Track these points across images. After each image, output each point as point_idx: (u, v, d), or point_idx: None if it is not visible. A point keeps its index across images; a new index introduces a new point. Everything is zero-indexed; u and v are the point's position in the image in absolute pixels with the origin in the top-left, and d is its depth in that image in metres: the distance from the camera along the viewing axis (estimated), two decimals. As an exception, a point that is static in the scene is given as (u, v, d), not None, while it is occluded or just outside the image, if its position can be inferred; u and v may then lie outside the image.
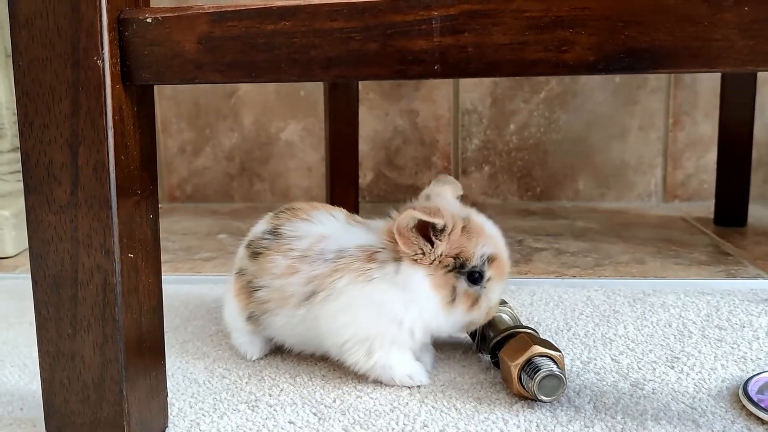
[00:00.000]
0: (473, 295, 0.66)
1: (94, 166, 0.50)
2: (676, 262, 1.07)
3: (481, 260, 0.66)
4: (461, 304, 0.66)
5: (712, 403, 0.62)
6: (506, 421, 0.59)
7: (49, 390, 0.54)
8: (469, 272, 0.66)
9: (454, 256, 0.65)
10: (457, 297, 0.66)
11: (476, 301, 0.67)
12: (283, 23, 0.48)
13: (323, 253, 0.68)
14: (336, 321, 0.66)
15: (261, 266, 0.70)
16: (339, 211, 0.74)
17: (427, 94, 1.55)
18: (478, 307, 0.67)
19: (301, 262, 0.68)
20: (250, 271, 0.71)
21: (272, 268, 0.69)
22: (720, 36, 0.45)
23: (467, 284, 0.66)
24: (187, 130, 1.61)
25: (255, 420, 0.60)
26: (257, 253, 0.71)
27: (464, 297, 0.66)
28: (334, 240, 0.69)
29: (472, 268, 0.66)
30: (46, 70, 0.50)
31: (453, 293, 0.66)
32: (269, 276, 0.69)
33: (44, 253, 0.52)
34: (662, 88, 1.50)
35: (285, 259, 0.69)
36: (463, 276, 0.66)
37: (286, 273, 0.68)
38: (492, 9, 0.46)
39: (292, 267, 0.68)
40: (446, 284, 0.66)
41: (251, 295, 0.71)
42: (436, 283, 0.65)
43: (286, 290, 0.68)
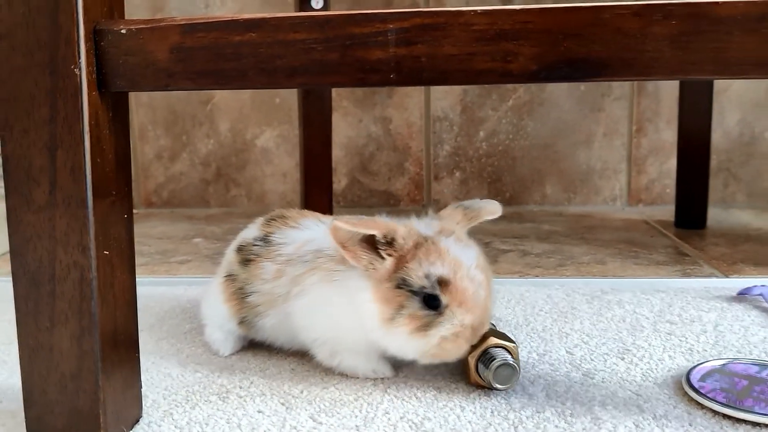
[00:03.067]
0: (421, 319, 0.63)
1: (71, 169, 0.53)
2: (636, 262, 1.12)
3: (429, 282, 0.63)
4: (404, 325, 0.63)
5: (657, 391, 0.66)
6: (463, 408, 0.63)
7: (29, 381, 0.57)
8: (424, 294, 0.63)
9: (397, 271, 0.64)
10: (400, 316, 0.63)
11: (424, 327, 0.63)
12: (250, 34, 0.52)
13: (304, 255, 0.71)
14: (304, 318, 0.69)
15: (252, 272, 0.73)
16: (328, 219, 0.75)
17: (399, 102, 1.59)
18: (425, 334, 0.63)
19: (287, 266, 0.71)
20: (241, 277, 0.74)
21: (262, 274, 0.72)
22: (651, 47, 0.49)
23: (419, 306, 0.63)
24: (163, 136, 1.64)
25: (225, 410, 0.64)
26: (248, 259, 0.74)
27: (409, 318, 0.63)
28: (316, 242, 0.71)
29: (422, 289, 0.63)
30: (26, 78, 0.53)
31: (397, 311, 0.63)
32: (259, 281, 0.72)
33: (24, 251, 0.55)
34: (626, 96, 1.55)
35: (274, 264, 0.72)
36: (416, 297, 0.63)
37: (275, 277, 0.71)
38: (442, 22, 0.50)
39: (279, 271, 0.71)
40: (391, 300, 0.63)
41: (243, 300, 0.73)
42: (378, 296, 0.64)
43: (274, 293, 0.71)
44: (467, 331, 0.64)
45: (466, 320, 0.63)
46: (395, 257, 0.64)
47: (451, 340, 0.63)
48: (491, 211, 0.74)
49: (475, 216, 0.72)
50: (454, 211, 0.72)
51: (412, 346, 0.64)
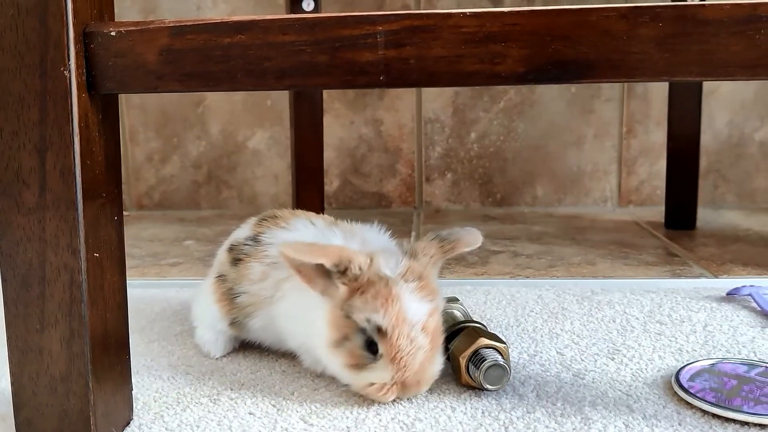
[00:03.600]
0: (357, 358, 0.62)
1: (61, 171, 0.53)
2: (626, 263, 1.12)
3: (369, 325, 0.61)
4: (342, 356, 0.63)
5: (646, 391, 0.66)
6: (454, 409, 0.63)
7: (18, 383, 0.57)
8: (366, 336, 0.62)
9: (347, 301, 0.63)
10: (342, 346, 0.63)
11: (358, 367, 0.62)
12: (239, 36, 0.52)
13: None
14: (287, 323, 0.69)
15: (240, 273, 0.72)
16: (321, 219, 0.75)
17: (390, 104, 1.59)
18: (357, 374, 0.62)
19: (272, 268, 0.71)
20: (231, 277, 0.73)
21: (250, 275, 0.71)
22: (638, 49, 0.50)
23: (361, 344, 0.62)
24: (154, 138, 1.64)
25: (216, 412, 0.64)
26: (238, 259, 0.73)
27: (349, 352, 0.62)
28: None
29: (362, 330, 0.62)
30: (15, 80, 0.53)
31: (342, 340, 0.63)
32: (248, 282, 0.72)
33: (13, 253, 0.55)
34: (616, 98, 1.56)
35: (261, 266, 0.71)
36: (362, 334, 0.62)
37: (261, 278, 0.71)
38: (431, 24, 0.50)
39: (264, 273, 0.71)
40: (340, 327, 0.63)
41: (233, 301, 0.73)
42: (330, 319, 0.63)
43: (261, 294, 0.71)
44: (395, 386, 0.62)
45: (396, 377, 0.62)
46: (349, 287, 0.63)
47: (377, 389, 0.62)
48: (469, 242, 0.71)
49: (450, 249, 0.69)
50: (429, 244, 0.69)
51: (345, 378, 0.64)
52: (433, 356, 0.64)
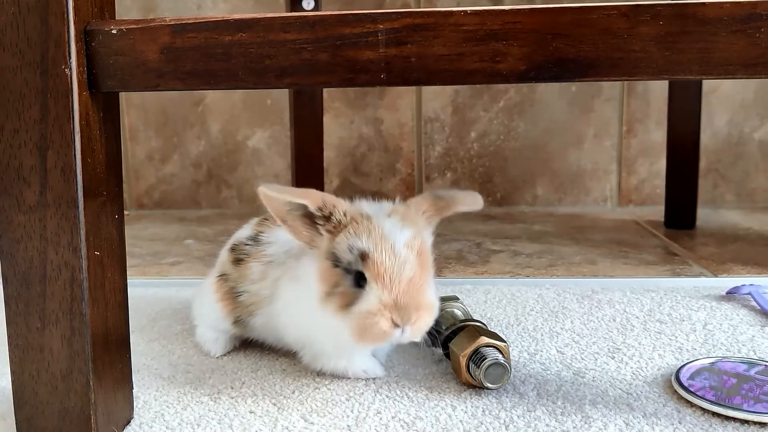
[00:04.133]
0: (349, 296, 0.60)
1: (62, 169, 0.53)
2: (626, 262, 1.12)
3: (351, 254, 0.60)
4: (334, 302, 0.61)
5: (647, 389, 0.66)
6: (454, 407, 0.63)
7: (19, 382, 0.57)
8: (355, 271, 0.60)
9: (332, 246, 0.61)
10: (334, 293, 0.61)
11: (347, 305, 0.60)
12: (240, 35, 0.52)
13: (279, 257, 0.70)
14: (282, 320, 0.69)
15: (242, 273, 0.72)
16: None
17: (390, 103, 1.59)
18: (348, 311, 0.60)
19: (269, 267, 0.71)
20: (232, 276, 0.73)
21: (251, 275, 0.72)
22: (638, 47, 0.50)
23: (351, 284, 0.61)
24: (154, 138, 1.64)
25: (217, 410, 0.64)
26: (239, 259, 0.73)
27: (340, 295, 0.61)
28: (287, 242, 0.70)
29: (348, 264, 0.60)
30: (16, 78, 0.53)
31: (333, 288, 0.61)
32: (248, 282, 0.72)
33: (14, 251, 0.55)
34: (616, 97, 1.56)
35: (260, 265, 0.71)
36: (350, 275, 0.61)
37: (260, 278, 0.71)
38: (432, 23, 0.50)
39: (263, 272, 0.71)
40: (329, 278, 0.61)
41: (235, 300, 0.73)
42: (320, 274, 0.62)
43: (261, 294, 0.71)
44: (386, 309, 0.59)
45: (383, 297, 0.59)
46: (333, 233, 0.61)
47: (368, 319, 0.59)
48: (467, 202, 0.69)
49: (445, 206, 0.67)
50: (423, 199, 0.68)
51: (339, 325, 0.61)
52: (424, 279, 0.61)
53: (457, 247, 1.21)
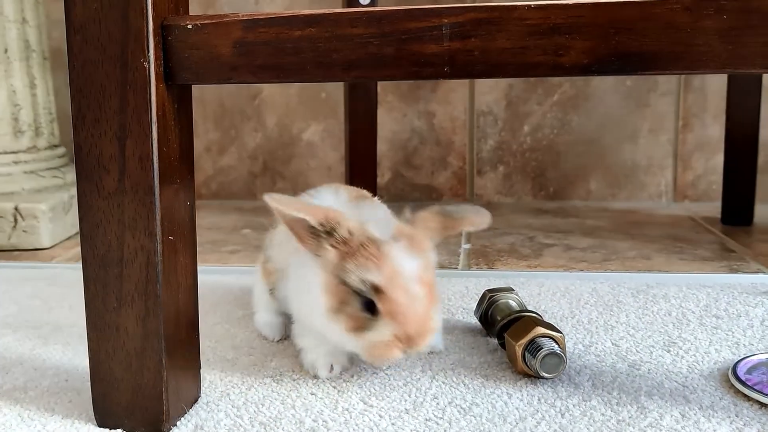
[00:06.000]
0: (358, 320, 0.62)
1: (139, 157, 0.56)
2: (681, 257, 1.12)
3: (365, 286, 0.61)
4: (342, 322, 0.63)
5: (703, 382, 0.66)
6: (510, 395, 0.64)
7: (96, 359, 0.60)
8: (364, 296, 0.62)
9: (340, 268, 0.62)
10: (341, 311, 0.63)
11: (360, 329, 0.62)
12: (309, 29, 0.54)
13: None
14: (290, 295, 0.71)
15: (271, 240, 0.78)
16: (345, 190, 0.75)
17: (443, 96, 1.60)
18: (359, 336, 0.62)
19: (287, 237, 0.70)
20: (267, 245, 0.79)
21: (275, 240, 0.76)
22: (701, 41, 0.50)
23: (360, 307, 0.62)
24: (212, 130, 1.68)
25: (279, 392, 0.66)
26: (272, 228, 0.78)
27: (348, 316, 0.62)
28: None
29: (359, 290, 0.61)
30: (98, 71, 0.56)
31: (340, 306, 0.63)
32: (273, 247, 0.76)
33: (93, 235, 0.58)
34: (672, 92, 1.54)
35: (284, 233, 0.72)
36: (360, 297, 0.62)
37: (280, 244, 0.74)
38: (496, 17, 0.52)
39: (284, 240, 0.72)
40: (336, 294, 0.63)
41: (267, 268, 0.78)
42: (326, 288, 0.63)
43: (280, 261, 0.74)
44: (398, 341, 0.61)
45: (398, 331, 0.61)
46: (338, 250, 0.63)
47: (381, 347, 0.61)
48: (475, 222, 0.70)
49: (452, 225, 0.69)
50: (432, 216, 0.69)
51: (346, 341, 0.64)
52: (432, 307, 0.63)
53: (510, 241, 1.22)
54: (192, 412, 0.62)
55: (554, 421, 0.59)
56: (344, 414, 0.61)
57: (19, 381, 0.70)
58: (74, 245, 1.26)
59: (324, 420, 0.60)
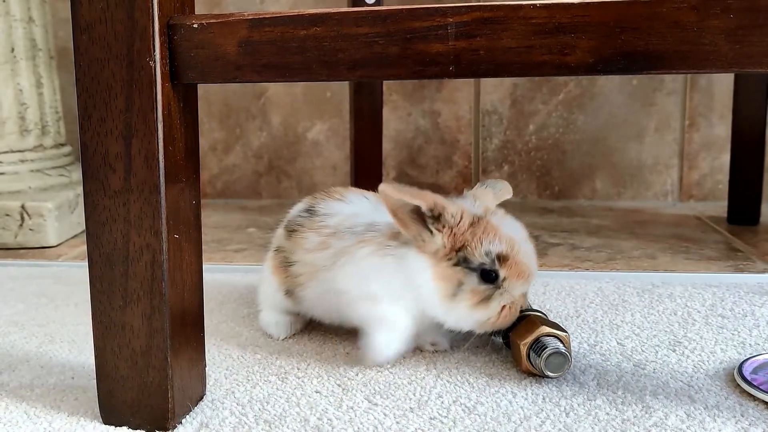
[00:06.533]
0: (482, 293, 0.67)
1: (145, 156, 0.56)
2: (687, 257, 1.11)
3: (489, 258, 0.67)
4: (465, 300, 0.67)
5: (708, 382, 0.66)
6: (515, 394, 0.65)
7: (101, 357, 0.60)
8: (482, 270, 0.67)
9: (457, 250, 0.67)
10: (461, 292, 0.67)
11: (486, 300, 0.67)
12: (314, 29, 0.54)
13: (353, 227, 0.73)
14: (348, 283, 0.70)
15: (295, 242, 0.76)
16: (373, 194, 0.78)
17: (448, 96, 1.60)
18: (487, 306, 0.67)
19: (332, 238, 0.73)
20: (286, 247, 0.77)
21: (305, 244, 0.75)
22: (707, 41, 0.50)
23: (478, 281, 0.67)
24: (217, 129, 1.68)
25: (284, 389, 0.66)
26: (293, 230, 0.77)
27: (470, 293, 0.67)
28: (365, 216, 0.73)
29: (481, 265, 0.67)
30: (104, 70, 0.56)
31: (457, 288, 0.67)
32: (302, 251, 0.75)
33: (99, 233, 0.58)
34: (678, 91, 1.54)
35: (318, 236, 0.74)
36: (474, 273, 0.67)
37: (318, 248, 0.73)
38: (502, 16, 0.52)
39: (324, 243, 0.73)
40: (450, 277, 0.67)
41: (287, 270, 0.76)
42: (438, 274, 0.67)
43: (317, 264, 0.73)
44: (520, 299, 0.69)
45: (523, 289, 0.69)
46: (446, 234, 0.67)
47: (509, 308, 0.68)
48: (509, 191, 0.77)
49: (500, 195, 0.76)
50: (485, 190, 0.74)
51: (473, 318, 0.68)
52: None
53: (515, 240, 1.21)
54: (197, 410, 0.63)
55: (559, 420, 0.59)
56: (349, 412, 0.62)
57: (26, 378, 0.70)
58: (80, 243, 1.27)
59: (329, 418, 0.61)
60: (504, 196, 0.76)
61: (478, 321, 0.68)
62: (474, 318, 0.68)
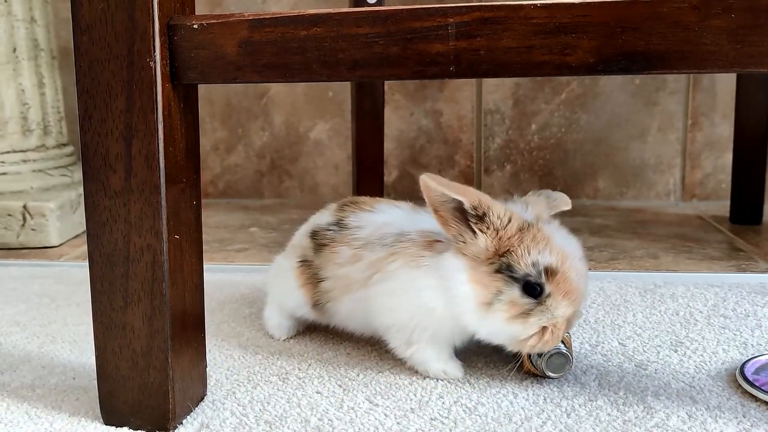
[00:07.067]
0: (522, 307, 0.61)
1: (145, 156, 0.56)
2: (689, 257, 1.11)
3: (535, 269, 0.61)
4: (502, 311, 0.62)
5: (710, 383, 0.66)
6: (516, 395, 0.64)
7: (102, 357, 0.60)
8: (526, 282, 0.61)
9: (500, 255, 0.62)
10: (498, 302, 0.62)
11: (524, 315, 0.61)
12: (315, 29, 0.54)
13: (384, 238, 0.69)
14: (384, 303, 0.68)
15: (326, 257, 0.72)
16: (403, 203, 0.75)
17: (450, 95, 1.60)
18: (525, 321, 0.61)
19: (364, 250, 0.70)
20: (315, 263, 0.73)
21: (337, 258, 0.71)
22: (709, 40, 0.50)
23: (520, 294, 0.61)
24: (220, 129, 1.68)
25: (285, 390, 0.66)
26: (322, 244, 0.73)
27: (509, 305, 0.61)
28: (396, 225, 0.70)
29: (526, 276, 0.61)
30: (104, 70, 0.56)
31: (495, 296, 0.62)
32: (334, 266, 0.71)
33: (100, 233, 0.58)
34: (681, 90, 1.54)
35: (350, 249, 0.71)
36: (517, 283, 0.61)
37: (350, 261, 0.70)
38: (502, 16, 0.51)
39: (356, 255, 0.70)
40: (489, 284, 0.62)
41: (316, 285, 0.73)
42: (475, 278, 0.62)
43: (350, 277, 0.70)
44: (565, 322, 0.62)
45: (568, 312, 0.62)
46: (490, 236, 0.62)
47: (551, 331, 0.62)
48: (567, 202, 0.72)
49: (555, 206, 0.70)
50: (538, 198, 0.69)
51: (507, 332, 0.63)
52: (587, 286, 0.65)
53: (517, 240, 1.21)
54: (198, 411, 0.63)
55: (560, 421, 0.59)
56: (350, 413, 0.62)
57: (27, 379, 0.70)
58: (82, 243, 1.27)
59: (329, 419, 0.61)
60: (560, 207, 0.70)
61: (513, 336, 0.63)
62: (508, 332, 0.63)
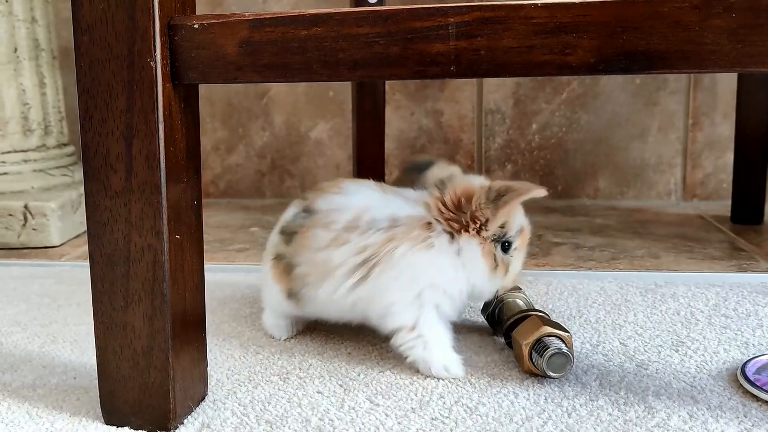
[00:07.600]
0: (506, 263, 0.73)
1: (146, 156, 0.56)
2: (690, 256, 1.11)
3: (515, 231, 0.73)
4: (500, 271, 0.73)
5: (711, 383, 0.66)
6: (517, 395, 0.64)
7: (103, 357, 0.60)
8: (503, 241, 0.72)
9: (500, 227, 0.72)
10: (498, 264, 0.72)
11: (506, 267, 0.73)
12: (315, 29, 0.54)
13: (375, 222, 0.70)
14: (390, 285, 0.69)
15: (298, 243, 0.73)
16: (369, 182, 0.77)
17: (451, 95, 1.60)
18: (508, 273, 0.74)
19: (350, 233, 0.70)
20: (286, 253, 0.74)
21: (312, 243, 0.71)
22: (710, 40, 0.50)
23: (502, 253, 0.73)
24: (220, 129, 1.68)
25: (286, 390, 0.66)
26: (293, 233, 0.74)
27: (502, 264, 0.73)
28: (382, 209, 0.71)
29: (507, 237, 0.72)
30: (105, 70, 0.56)
31: (495, 261, 0.72)
32: (309, 251, 0.72)
33: (101, 233, 0.58)
34: (682, 90, 1.53)
35: (327, 232, 0.71)
36: (498, 245, 0.72)
37: (332, 245, 0.70)
38: (503, 16, 0.51)
39: (338, 239, 0.70)
40: (490, 253, 0.72)
41: (290, 275, 0.73)
42: (484, 251, 0.71)
43: (332, 261, 0.70)
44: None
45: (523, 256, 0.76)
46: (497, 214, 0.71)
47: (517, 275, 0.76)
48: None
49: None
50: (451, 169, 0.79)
51: (495, 284, 0.74)
52: None
53: (518, 239, 1.21)
54: (199, 410, 0.63)
55: (561, 421, 0.59)
56: (350, 413, 0.62)
57: (28, 379, 0.70)
58: (83, 243, 1.27)
59: (330, 419, 0.61)
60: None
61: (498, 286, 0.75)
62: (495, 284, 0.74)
